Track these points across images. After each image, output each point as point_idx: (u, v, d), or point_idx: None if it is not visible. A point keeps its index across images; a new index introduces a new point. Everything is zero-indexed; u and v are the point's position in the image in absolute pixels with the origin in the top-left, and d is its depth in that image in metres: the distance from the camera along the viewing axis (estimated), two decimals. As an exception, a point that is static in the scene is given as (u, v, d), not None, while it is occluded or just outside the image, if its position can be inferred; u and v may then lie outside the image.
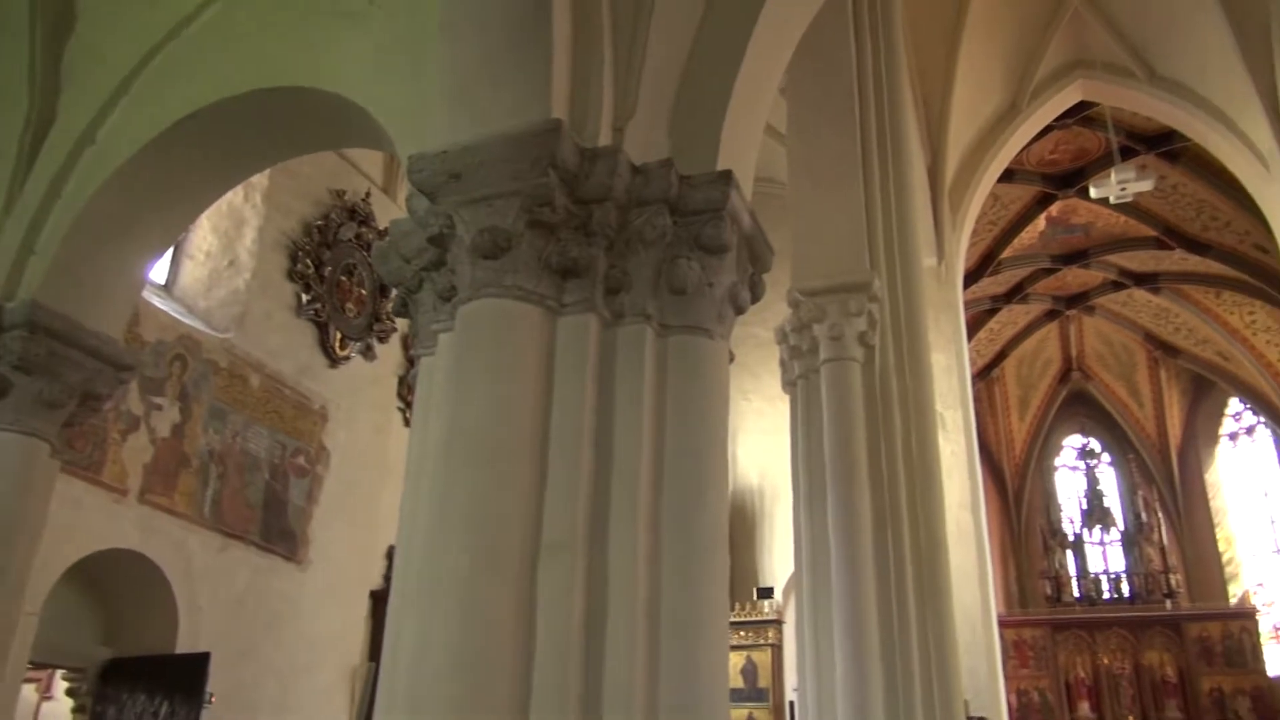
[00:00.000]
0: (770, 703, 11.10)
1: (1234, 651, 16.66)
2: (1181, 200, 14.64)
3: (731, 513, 11.96)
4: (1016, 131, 11.98)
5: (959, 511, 10.09)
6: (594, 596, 2.34)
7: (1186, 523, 19.24)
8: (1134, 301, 17.85)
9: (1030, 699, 17.21)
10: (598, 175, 2.61)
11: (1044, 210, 15.25)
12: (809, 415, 6.07)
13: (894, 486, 5.86)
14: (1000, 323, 18.29)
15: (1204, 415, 19.51)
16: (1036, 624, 17.80)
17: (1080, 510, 19.47)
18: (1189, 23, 10.79)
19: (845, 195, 6.40)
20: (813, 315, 6.09)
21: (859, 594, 5.43)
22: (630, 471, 2.48)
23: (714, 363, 2.66)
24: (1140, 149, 13.44)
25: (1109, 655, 17.24)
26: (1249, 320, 16.50)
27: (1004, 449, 20.47)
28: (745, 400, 12.15)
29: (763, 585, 11.57)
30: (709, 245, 2.66)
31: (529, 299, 2.55)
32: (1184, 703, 16.58)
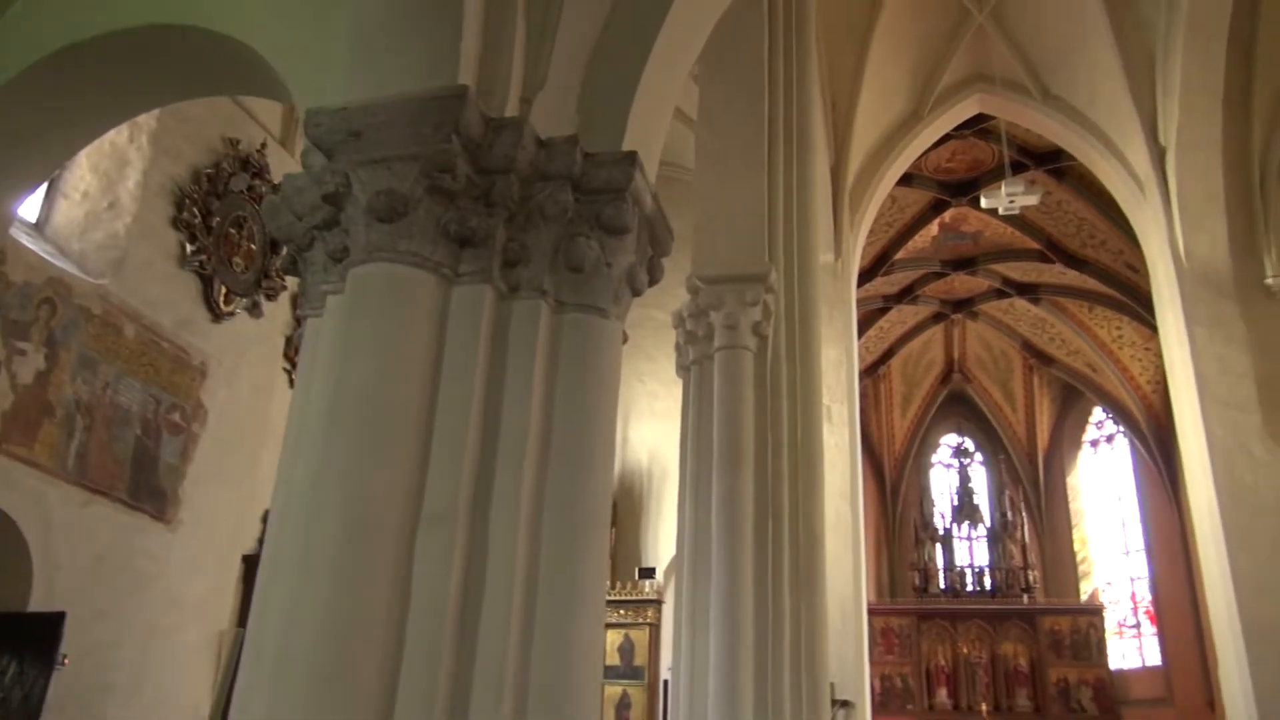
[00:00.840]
0: (645, 680, 11.27)
1: (1081, 645, 17.74)
2: (1064, 216, 15.38)
3: (619, 493, 12.10)
4: (917, 138, 12.35)
5: (838, 502, 10.41)
6: (472, 570, 2.33)
7: (1047, 523, 20.33)
8: (1015, 310, 18.69)
9: (893, 684, 17.96)
10: (502, 146, 2.58)
11: (938, 216, 15.80)
12: (700, 400, 6.15)
13: (778, 475, 6.01)
14: (890, 322, 18.89)
15: (1070, 422, 20.61)
16: (904, 613, 18.56)
17: (951, 506, 20.35)
18: (1083, 48, 11.31)
19: (749, 186, 6.49)
20: (710, 302, 6.17)
21: (737, 577, 5.55)
22: (517, 446, 2.47)
23: (607, 342, 2.67)
24: (1030, 164, 14.06)
25: (968, 645, 18.12)
26: (1117, 335, 17.49)
27: (885, 444, 21.20)
28: (639, 382, 12.24)
29: (645, 566, 11.71)
30: (610, 225, 2.66)
31: (424, 266, 2.50)
32: (1033, 691, 17.58)
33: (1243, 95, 10.52)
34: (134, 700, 7.86)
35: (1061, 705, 17.41)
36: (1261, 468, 9.97)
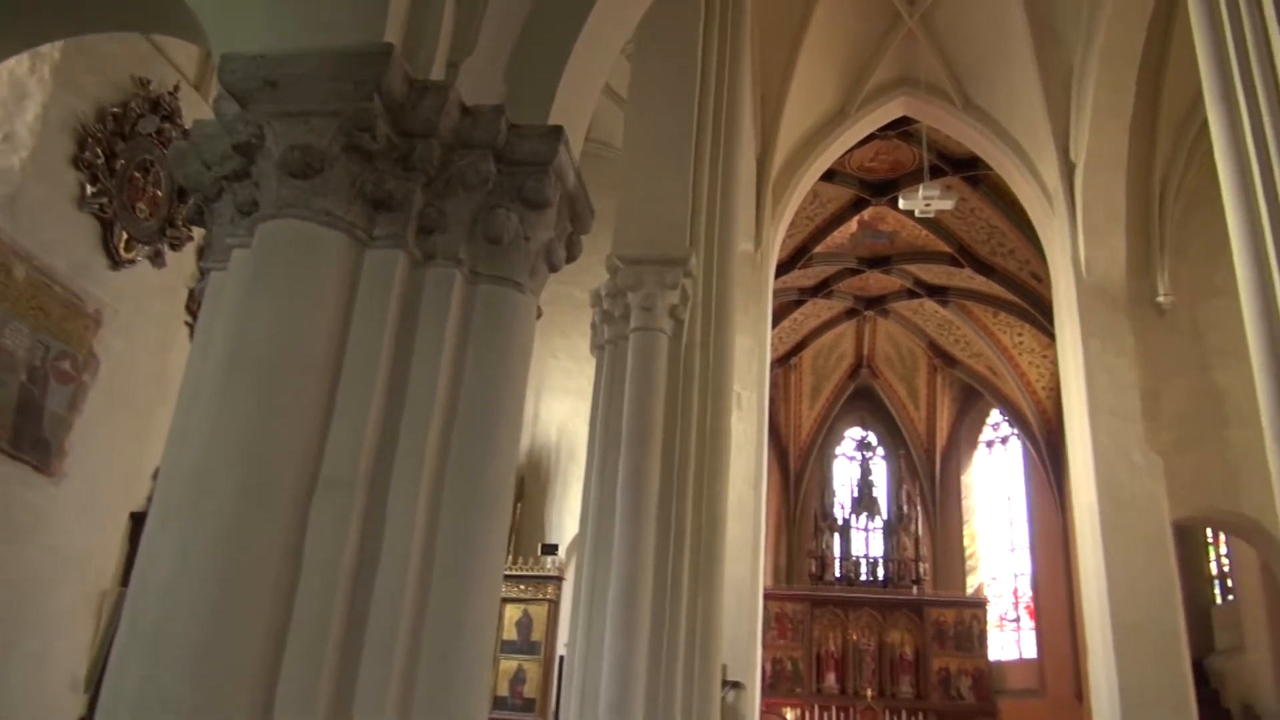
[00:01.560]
0: (541, 656, 11.30)
1: (963, 636, 18.46)
2: (977, 223, 15.86)
3: (527, 468, 12.06)
4: (842, 135, 12.55)
5: (742, 487, 10.58)
6: (368, 538, 2.30)
7: (940, 517, 21.05)
8: (924, 311, 19.22)
9: (784, 667, 18.41)
10: (425, 109, 2.53)
11: (857, 214, 16.11)
12: (613, 380, 6.17)
13: (684, 458, 6.08)
14: (805, 314, 19.22)
15: (968, 422, 21.34)
16: (799, 599, 19.02)
17: (851, 497, 20.89)
18: (1006, 63, 11.64)
19: (674, 170, 6.52)
20: (628, 283, 6.18)
21: (638, 557, 5.61)
22: (422, 414, 2.44)
23: (521, 316, 2.65)
24: (948, 170, 14.45)
25: (858, 632, 18.68)
26: (1018, 341, 18.16)
27: (792, 433, 21.62)
28: (554, 358, 12.19)
29: (549, 542, 11.72)
30: (530, 198, 2.64)
31: (336, 225, 2.44)
32: (916, 679, 18.24)
33: (1149, 121, 10.99)
34: (6, 657, 7.53)
35: (942, 693, 18.10)
36: (1140, 475, 10.51)
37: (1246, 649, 13.69)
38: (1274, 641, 12.47)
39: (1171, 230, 11.31)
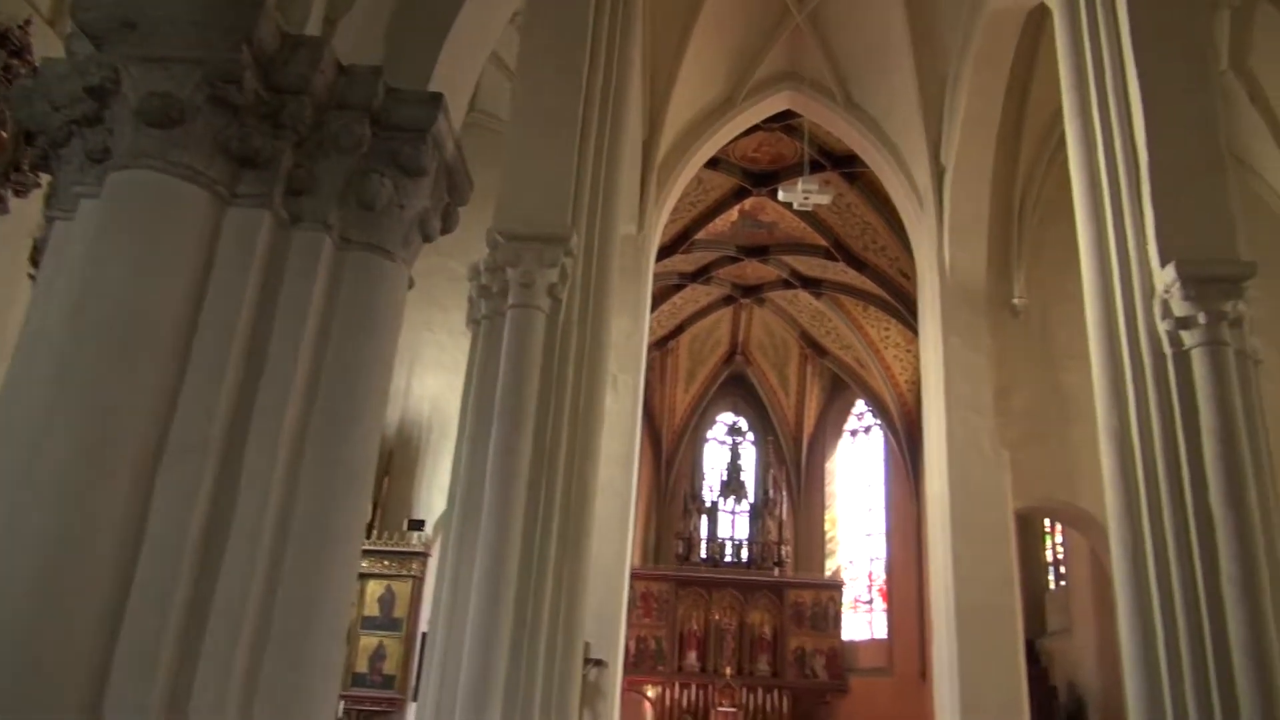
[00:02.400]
0: (403, 633, 11.13)
1: (820, 617, 19.17)
2: (852, 219, 16.37)
3: (396, 442, 11.80)
4: (728, 124, 12.72)
5: (614, 468, 10.66)
6: (219, 507, 2.21)
7: (804, 502, 21.74)
8: (798, 301, 19.75)
9: (648, 646, 18.71)
10: (298, 65, 2.43)
11: (739, 203, 16.39)
12: (488, 356, 6.11)
13: (556, 437, 6.08)
14: (684, 299, 19.46)
15: (835, 411, 22.09)
16: (665, 579, 19.35)
17: (721, 481, 21.35)
18: (887, 65, 12.03)
19: (559, 147, 6.48)
20: (508, 259, 6.12)
21: (505, 535, 5.58)
22: (282, 381, 2.36)
23: (391, 285, 2.59)
24: (828, 165, 14.84)
25: (721, 612, 19.15)
26: (884, 335, 18.88)
27: (666, 416, 21.90)
28: (429, 332, 11.96)
29: (416, 518, 11.53)
30: (407, 165, 2.57)
31: (196, 181, 2.32)
32: (773, 658, 18.84)
33: (1015, 131, 11.57)
34: None
35: (797, 671, 18.77)
36: (989, 467, 11.11)
37: (1074, 631, 14.71)
38: (1099, 624, 13.43)
39: (1029, 237, 11.96)
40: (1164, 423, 5.88)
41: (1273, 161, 11.58)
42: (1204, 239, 6.07)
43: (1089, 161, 6.66)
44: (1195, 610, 5.47)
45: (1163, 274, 6.03)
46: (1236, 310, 5.93)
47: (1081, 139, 6.75)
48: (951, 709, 10.39)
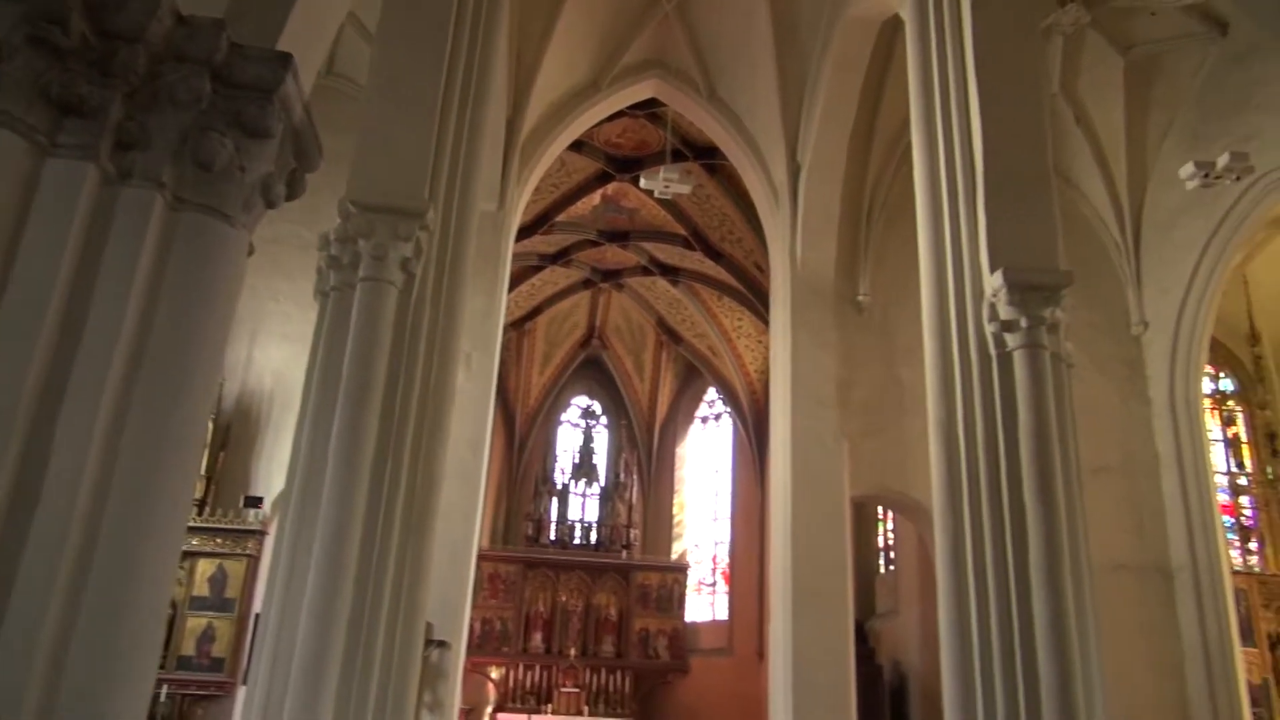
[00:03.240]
0: (235, 614, 10.67)
1: (664, 599, 19.55)
2: (711, 210, 16.69)
3: (235, 415, 11.28)
4: (593, 108, 12.71)
5: (465, 449, 10.53)
6: (27, 475, 2.06)
7: (654, 486, 22.09)
8: (656, 288, 19.98)
9: (493, 627, 18.61)
10: (132, 10, 2.28)
11: (601, 187, 16.42)
12: (335, 329, 5.92)
13: (404, 415, 5.95)
14: (542, 280, 19.37)
15: (687, 397, 22.52)
16: (513, 560, 19.28)
17: (573, 463, 21.43)
18: (750, 61, 12.29)
19: (419, 117, 6.32)
20: (360, 230, 5.94)
21: (346, 513, 5.43)
22: (103, 346, 2.21)
23: (230, 250, 2.47)
24: (689, 155, 15.06)
25: (568, 593, 19.25)
26: (737, 325, 19.36)
27: (521, 397, 21.77)
28: (274, 301, 11.46)
29: (253, 494, 11.05)
30: (250, 126, 2.46)
31: (12, 126, 2.15)
32: (618, 639, 19.10)
33: (867, 134, 12.06)
34: None
35: (640, 652, 19.09)
36: (830, 458, 11.59)
37: (900, 613, 15.57)
38: (922, 606, 14.25)
39: (876, 238, 12.50)
40: (986, 419, 6.29)
41: (1093, 181, 12.52)
42: (1029, 249, 6.51)
43: (931, 169, 7.03)
44: (1005, 593, 5.90)
45: (992, 279, 6.44)
46: (1054, 316, 6.40)
47: (925, 147, 7.11)
48: (784, 687, 10.82)
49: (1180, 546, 11.67)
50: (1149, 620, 11.37)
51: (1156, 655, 11.27)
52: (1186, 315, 12.07)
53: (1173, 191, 11.56)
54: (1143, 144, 12.15)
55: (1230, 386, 15.40)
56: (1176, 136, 11.87)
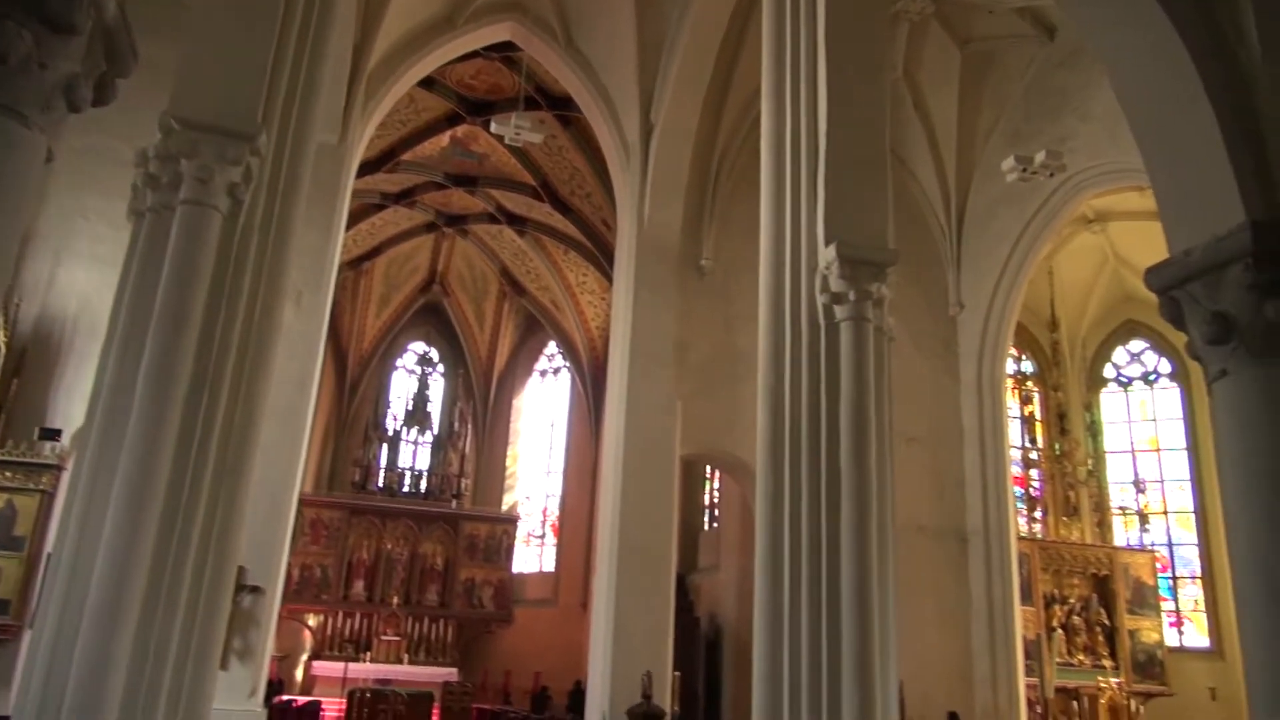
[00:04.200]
0: (25, 553, 9.90)
1: (493, 550, 19.57)
2: (562, 162, 16.53)
3: (31, 339, 10.40)
4: (446, 45, 12.28)
5: (291, 389, 10.11)
6: None
7: (488, 437, 21.95)
8: (502, 237, 19.69)
9: (313, 574, 18.12)
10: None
11: (451, 129, 15.97)
12: (150, 253, 5.50)
13: (224, 350, 5.62)
14: (384, 220, 18.72)
15: (527, 350, 22.42)
16: (337, 506, 18.78)
17: (405, 410, 20.98)
18: (610, 14, 12.17)
19: (256, 31, 5.91)
20: (183, 148, 5.52)
21: (153, 450, 5.11)
22: None
23: (22, 153, 2.24)
24: (544, 104, 14.84)
25: (393, 541, 18.95)
26: (582, 280, 19.36)
27: (354, 339, 21.07)
28: (84, 219, 10.56)
29: (50, 426, 10.23)
30: (53, 20, 2.22)
31: None
32: (443, 588, 19.01)
33: (720, 100, 12.21)
34: None
35: (465, 601, 19.07)
36: (663, 416, 11.83)
37: (721, 568, 16.18)
38: (741, 562, 14.85)
39: (721, 203, 12.73)
40: (811, 386, 6.57)
41: (925, 166, 13.18)
42: (862, 226, 6.79)
43: (777, 140, 7.20)
44: (817, 550, 6.22)
45: (825, 252, 6.69)
46: (880, 292, 6.73)
47: (773, 117, 7.27)
48: (605, 637, 11.07)
49: (975, 513, 12.65)
50: (942, 579, 12.30)
51: (947, 611, 12.22)
52: (998, 300, 12.97)
53: (995, 183, 12.33)
54: (972, 135, 12.88)
55: (1030, 368, 16.72)
56: (1002, 132, 12.65)
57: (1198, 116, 3.19)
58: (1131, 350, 17.07)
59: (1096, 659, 13.46)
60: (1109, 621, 13.69)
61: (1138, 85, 3.50)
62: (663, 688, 10.58)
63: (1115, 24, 3.50)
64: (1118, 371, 17.15)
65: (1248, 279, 2.95)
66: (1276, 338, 2.95)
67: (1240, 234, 2.98)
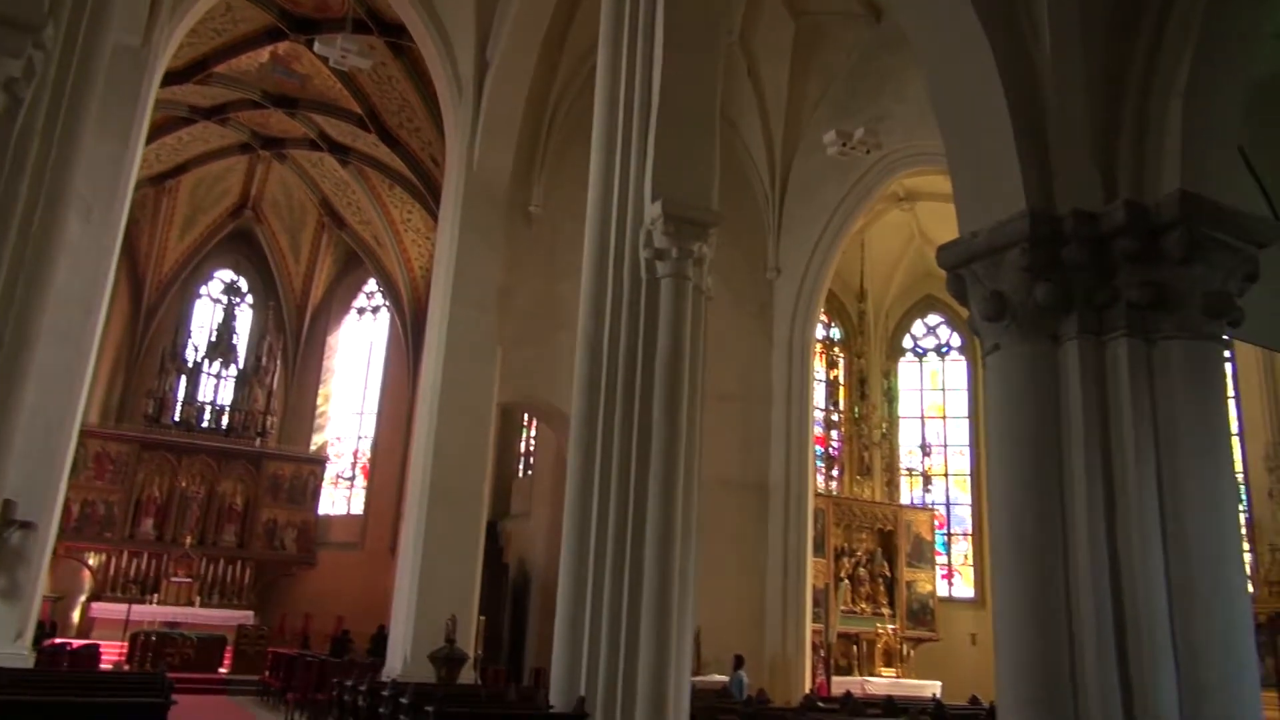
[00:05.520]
0: None
1: (298, 491, 18.88)
2: (392, 93, 15.85)
3: None
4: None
5: (75, 310, 9.33)
6: None
7: (299, 375, 21.05)
8: (323, 166, 18.74)
9: (95, 510, 16.93)
10: None
11: (272, 44, 14.97)
12: (-93, 147, 4.90)
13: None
14: (192, 135, 17.40)
15: (345, 286, 21.56)
16: (126, 439, 17.55)
17: (208, 341, 19.77)
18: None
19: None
20: (-48, 34, 4.92)
21: (-96, 368, 4.61)
22: None
23: None
24: (375, 29, 14.13)
25: (188, 479, 17.93)
26: (407, 218, 18.75)
27: (153, 262, 19.59)
28: None
29: None
30: None
31: None
32: (241, 529, 18.20)
33: (558, 44, 12.04)
34: None
35: (265, 543, 18.36)
36: (483, 361, 11.72)
37: (532, 515, 16.30)
38: (553, 509, 15.00)
39: (553, 151, 12.62)
40: (629, 339, 6.68)
41: (754, 133, 13.54)
42: (689, 185, 6.92)
43: (611, 93, 7.19)
44: (625, 499, 6.38)
45: (652, 209, 6.78)
46: (702, 251, 6.90)
47: (609, 70, 7.25)
48: (411, 582, 10.97)
49: (778, 469, 13.31)
50: (744, 530, 12.90)
51: (747, 559, 12.85)
52: (812, 268, 13.57)
53: (818, 155, 12.81)
54: (801, 106, 13.31)
55: (838, 335, 17.65)
56: (828, 106, 13.14)
57: (993, 109, 3.43)
58: (928, 324, 18.31)
59: (877, 607, 14.57)
60: (890, 573, 14.82)
61: (945, 75, 3.72)
62: (467, 632, 10.62)
63: (928, 15, 3.70)
64: (915, 343, 18.38)
65: (1023, 262, 3.21)
66: (1042, 319, 3.25)
67: (1019, 221, 3.24)
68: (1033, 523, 3.10)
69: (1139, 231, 3.12)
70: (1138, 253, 3.12)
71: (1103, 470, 3.05)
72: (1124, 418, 3.07)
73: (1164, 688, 2.84)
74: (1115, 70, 3.37)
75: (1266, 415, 12.78)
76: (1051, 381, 3.18)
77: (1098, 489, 3.04)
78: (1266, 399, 12.82)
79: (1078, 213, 3.20)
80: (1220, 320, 3.17)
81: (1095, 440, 3.07)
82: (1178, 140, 3.19)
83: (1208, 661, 2.87)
